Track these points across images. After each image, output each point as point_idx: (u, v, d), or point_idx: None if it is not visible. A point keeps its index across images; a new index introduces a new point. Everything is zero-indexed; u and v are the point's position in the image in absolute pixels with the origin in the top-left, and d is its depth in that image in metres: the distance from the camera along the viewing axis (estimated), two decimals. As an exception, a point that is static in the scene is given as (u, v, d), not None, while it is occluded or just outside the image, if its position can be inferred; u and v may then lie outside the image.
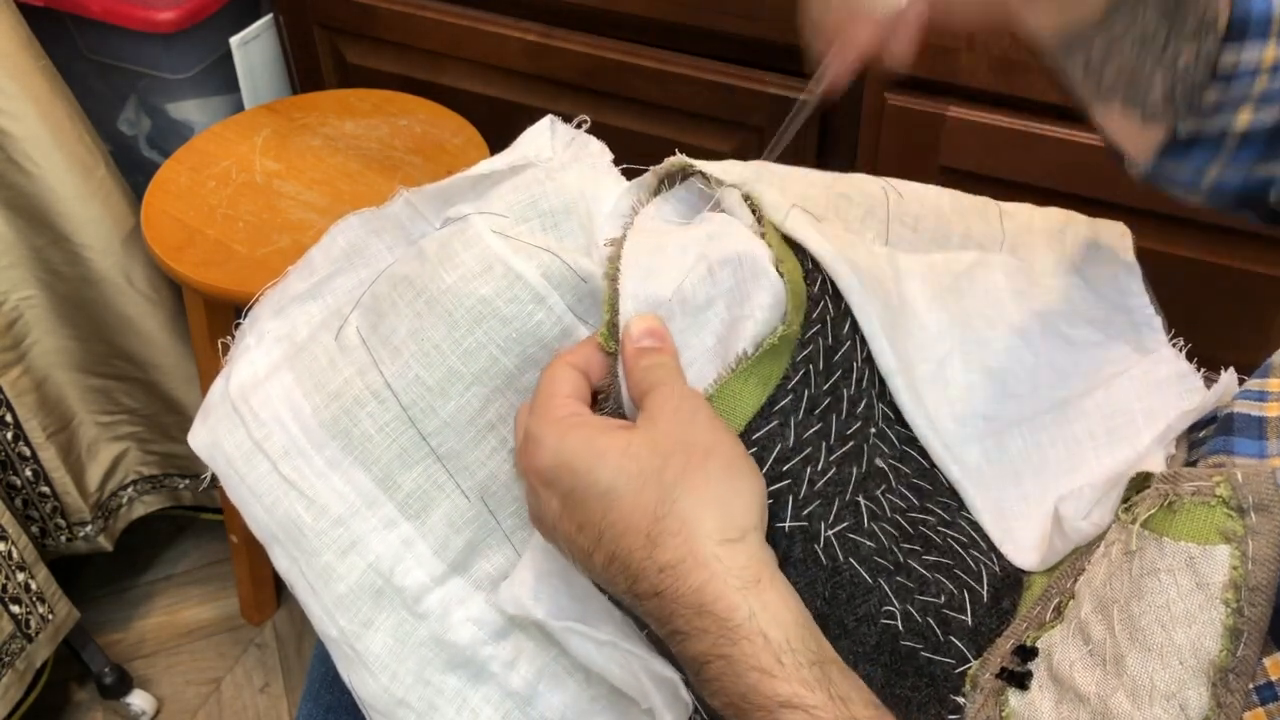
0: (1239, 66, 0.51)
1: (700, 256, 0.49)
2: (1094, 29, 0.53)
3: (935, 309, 0.58)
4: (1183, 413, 0.53)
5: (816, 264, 0.52)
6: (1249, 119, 0.52)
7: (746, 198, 0.53)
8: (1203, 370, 0.59)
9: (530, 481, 0.46)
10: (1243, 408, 0.49)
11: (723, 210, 0.54)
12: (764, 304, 0.49)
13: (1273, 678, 0.42)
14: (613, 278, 0.50)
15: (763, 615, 0.41)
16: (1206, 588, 0.42)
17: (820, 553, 0.48)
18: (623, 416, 0.48)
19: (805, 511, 0.48)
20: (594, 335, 0.50)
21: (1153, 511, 0.45)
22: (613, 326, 0.49)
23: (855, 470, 0.50)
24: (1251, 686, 0.42)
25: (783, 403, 0.49)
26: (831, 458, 0.50)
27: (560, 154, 0.57)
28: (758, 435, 0.48)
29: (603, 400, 0.50)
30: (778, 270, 0.50)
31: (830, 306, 0.51)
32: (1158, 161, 0.57)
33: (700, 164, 0.54)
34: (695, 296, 0.49)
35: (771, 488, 0.47)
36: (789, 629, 0.41)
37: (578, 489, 0.44)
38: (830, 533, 0.48)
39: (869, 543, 0.49)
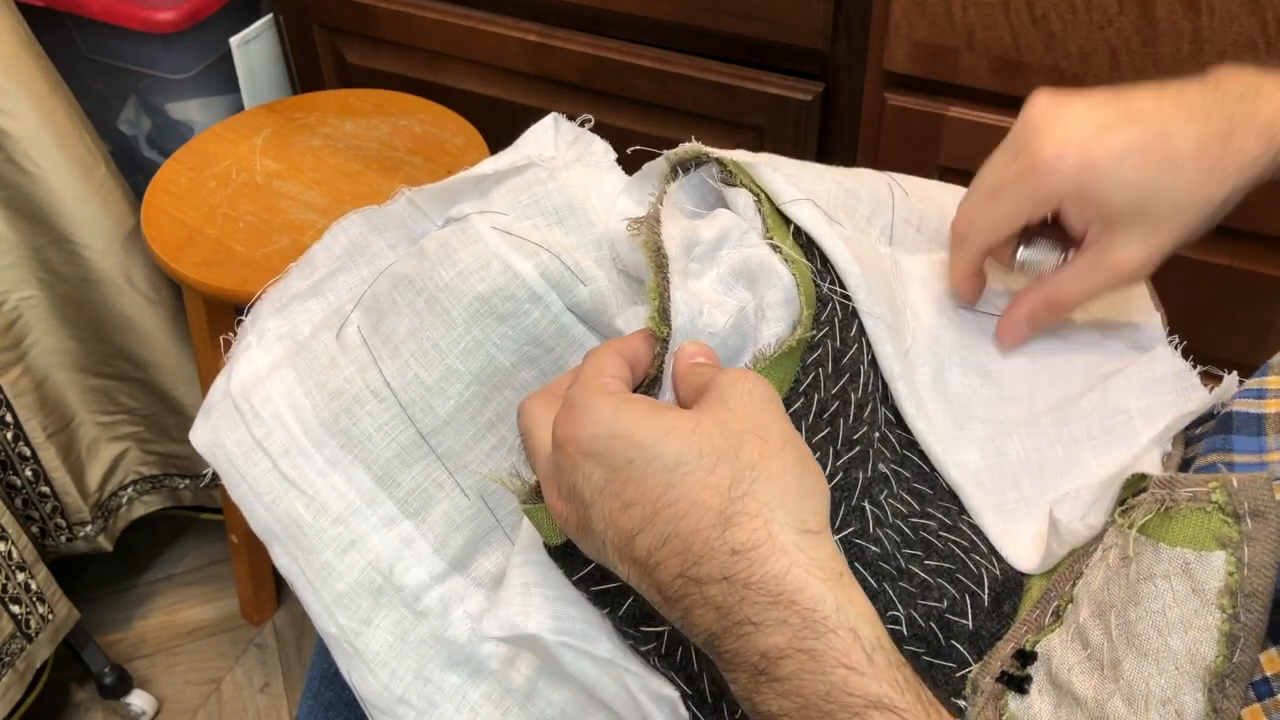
0: None
1: (731, 275, 0.49)
2: None
3: (934, 312, 0.58)
4: (1181, 414, 0.53)
5: (825, 263, 0.52)
6: None
7: (757, 200, 0.52)
8: (1200, 369, 0.59)
9: (567, 451, 0.42)
10: (1241, 405, 0.49)
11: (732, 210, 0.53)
12: (776, 301, 0.49)
13: (1269, 673, 0.42)
14: (661, 267, 0.48)
15: (850, 610, 0.37)
16: (1202, 593, 0.42)
17: None
18: None
19: None
20: (643, 329, 0.47)
21: (1149, 517, 0.45)
22: (663, 312, 0.47)
23: (861, 475, 0.50)
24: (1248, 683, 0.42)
25: (795, 406, 0.48)
26: (839, 463, 0.49)
27: (563, 153, 0.57)
28: None
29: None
30: (790, 271, 0.49)
31: (839, 308, 0.51)
32: None
33: (715, 151, 0.54)
34: (729, 339, 0.48)
35: None
36: (876, 626, 0.38)
37: (637, 461, 0.40)
38: (836, 538, 0.48)
39: (874, 548, 0.49)
